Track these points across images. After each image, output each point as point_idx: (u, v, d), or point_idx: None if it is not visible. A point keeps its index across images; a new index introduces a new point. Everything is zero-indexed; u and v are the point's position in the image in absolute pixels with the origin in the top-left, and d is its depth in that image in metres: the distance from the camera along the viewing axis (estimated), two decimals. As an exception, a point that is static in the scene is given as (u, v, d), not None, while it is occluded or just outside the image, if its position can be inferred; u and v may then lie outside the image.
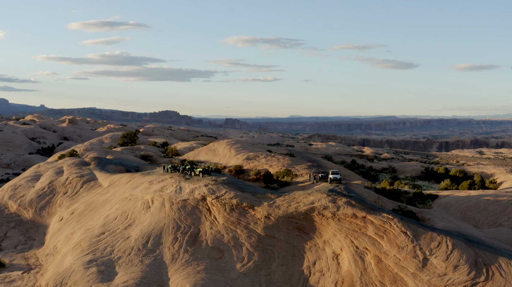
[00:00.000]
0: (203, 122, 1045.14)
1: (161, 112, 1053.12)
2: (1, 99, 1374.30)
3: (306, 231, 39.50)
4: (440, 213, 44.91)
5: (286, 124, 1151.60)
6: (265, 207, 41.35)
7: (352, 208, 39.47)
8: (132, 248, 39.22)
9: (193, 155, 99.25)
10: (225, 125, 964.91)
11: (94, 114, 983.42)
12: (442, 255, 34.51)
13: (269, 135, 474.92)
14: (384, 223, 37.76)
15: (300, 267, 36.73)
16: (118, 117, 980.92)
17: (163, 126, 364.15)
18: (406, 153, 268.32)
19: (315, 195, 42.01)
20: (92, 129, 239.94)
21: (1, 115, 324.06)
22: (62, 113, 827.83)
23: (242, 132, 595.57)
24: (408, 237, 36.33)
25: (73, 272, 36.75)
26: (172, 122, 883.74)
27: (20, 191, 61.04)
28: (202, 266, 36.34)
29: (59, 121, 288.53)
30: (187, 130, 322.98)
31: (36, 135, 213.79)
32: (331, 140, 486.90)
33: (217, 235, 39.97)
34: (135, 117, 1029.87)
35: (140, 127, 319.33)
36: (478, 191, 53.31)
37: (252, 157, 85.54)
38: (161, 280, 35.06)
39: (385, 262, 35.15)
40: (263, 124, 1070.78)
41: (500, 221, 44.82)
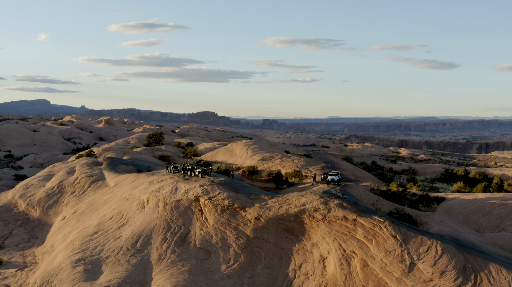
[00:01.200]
0: (241, 123, 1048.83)
1: (199, 113, 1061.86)
2: (43, 100, 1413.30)
3: (296, 233, 38.85)
4: (440, 217, 43.52)
5: (324, 125, 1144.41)
6: (256, 208, 40.90)
7: (343, 210, 38.61)
8: (121, 247, 39.38)
9: (211, 155, 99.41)
10: (263, 126, 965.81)
11: (134, 115, 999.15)
12: (430, 260, 33.38)
13: (306, 136, 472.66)
14: (374, 226, 36.80)
15: (286, 270, 36.13)
16: (157, 118, 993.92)
17: (199, 127, 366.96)
18: (443, 155, 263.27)
19: (308, 197, 41.30)
20: (129, 130, 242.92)
21: (41, 116, 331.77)
22: (101, 114, 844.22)
23: (279, 133, 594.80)
24: (397, 241, 35.29)
25: (60, 270, 37.16)
26: (210, 123, 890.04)
27: (31, 190, 62.30)
28: (186, 267, 36.15)
29: (96, 122, 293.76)
30: (222, 131, 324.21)
31: (72, 135, 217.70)
32: (369, 141, 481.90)
33: (206, 236, 39.73)
34: (173, 118, 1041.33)
35: (176, 128, 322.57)
36: (485, 194, 51.45)
37: (268, 157, 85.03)
38: (144, 280, 35.04)
39: (371, 266, 34.23)
40: (301, 125, 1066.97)
41: (503, 225, 43.14)
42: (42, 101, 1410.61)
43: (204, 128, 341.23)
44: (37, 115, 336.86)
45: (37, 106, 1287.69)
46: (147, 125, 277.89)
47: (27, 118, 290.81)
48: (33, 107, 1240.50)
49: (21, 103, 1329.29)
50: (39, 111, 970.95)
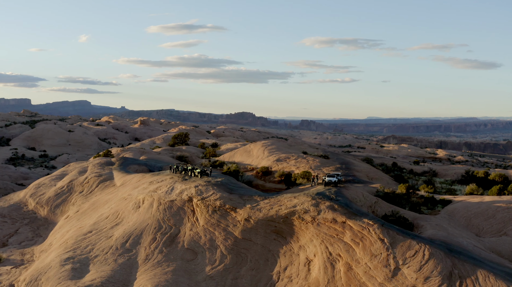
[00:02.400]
0: (278, 124, 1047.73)
1: (237, 114, 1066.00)
2: (84, 101, 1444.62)
3: (284, 235, 38.32)
4: (439, 220, 42.19)
5: (363, 126, 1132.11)
6: (247, 209, 40.54)
7: (333, 213, 37.86)
8: (110, 247, 39.68)
9: (228, 156, 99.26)
10: (301, 127, 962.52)
11: (172, 115, 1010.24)
12: (416, 265, 32.38)
13: (343, 137, 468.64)
14: (362, 229, 35.94)
15: (270, 272, 35.69)
16: (195, 119, 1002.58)
17: (234, 128, 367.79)
18: (481, 156, 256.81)
19: (300, 198, 40.68)
20: (164, 131, 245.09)
21: (80, 117, 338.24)
22: (140, 114, 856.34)
23: (316, 134, 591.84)
24: (384, 245, 34.38)
25: (49, 268, 37.72)
26: (247, 124, 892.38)
27: (42, 189, 63.54)
28: (171, 267, 36.12)
29: (132, 122, 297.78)
30: (258, 131, 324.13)
31: (108, 136, 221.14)
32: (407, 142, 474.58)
33: (195, 236, 39.63)
34: (211, 119, 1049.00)
35: (212, 129, 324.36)
36: (492, 197, 49.65)
37: (283, 158, 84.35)
38: (127, 279, 35.19)
39: (355, 270, 33.44)
40: (339, 126, 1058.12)
41: (505, 229, 41.52)
42: (83, 102, 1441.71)
43: (240, 129, 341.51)
44: (76, 116, 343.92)
45: (78, 107, 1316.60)
46: (183, 126, 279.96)
47: (65, 118, 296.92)
48: (74, 108, 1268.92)
49: (63, 104, 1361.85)
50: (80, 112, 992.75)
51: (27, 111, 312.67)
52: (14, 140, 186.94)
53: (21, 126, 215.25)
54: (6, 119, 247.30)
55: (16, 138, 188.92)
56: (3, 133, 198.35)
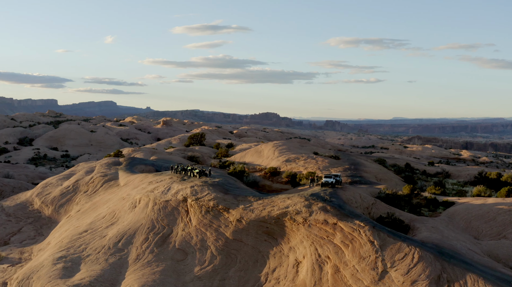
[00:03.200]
0: (303, 124, 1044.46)
1: (262, 114, 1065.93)
2: (110, 101, 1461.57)
3: (275, 236, 37.96)
4: (436, 222, 41.32)
5: (388, 127, 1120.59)
6: (240, 210, 40.29)
7: (325, 214, 37.35)
8: (103, 246, 39.84)
9: (240, 156, 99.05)
10: (325, 127, 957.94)
11: (197, 116, 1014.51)
12: (404, 268, 31.72)
13: (367, 137, 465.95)
14: (353, 231, 35.38)
15: (259, 274, 35.37)
16: (219, 119, 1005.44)
17: (257, 128, 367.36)
18: (507, 157, 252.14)
19: (293, 199, 40.27)
20: (187, 131, 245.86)
21: (104, 117, 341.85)
22: (165, 115, 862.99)
23: (340, 134, 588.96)
24: (373, 247, 33.77)
25: (42, 267, 38.06)
26: (272, 124, 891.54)
27: (48, 189, 64.22)
28: (160, 267, 36.08)
29: (155, 123, 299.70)
30: (280, 132, 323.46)
31: (130, 136, 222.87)
32: (432, 143, 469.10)
33: (186, 237, 39.54)
34: (236, 119, 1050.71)
35: (235, 129, 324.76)
36: (496, 199, 48.41)
37: (292, 159, 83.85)
38: (116, 279, 35.28)
39: (342, 272, 32.91)
40: (364, 126, 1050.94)
41: (505, 232, 40.45)
42: (108, 102, 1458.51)
43: (263, 130, 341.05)
44: (100, 116, 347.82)
45: (103, 108, 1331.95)
46: (206, 127, 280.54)
47: (90, 119, 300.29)
48: (100, 109, 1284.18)
49: (89, 105, 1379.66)
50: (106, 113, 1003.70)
51: (52, 112, 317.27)
52: (37, 141, 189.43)
53: (44, 126, 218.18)
54: (31, 120, 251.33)
55: (39, 139, 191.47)
56: (26, 134, 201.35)
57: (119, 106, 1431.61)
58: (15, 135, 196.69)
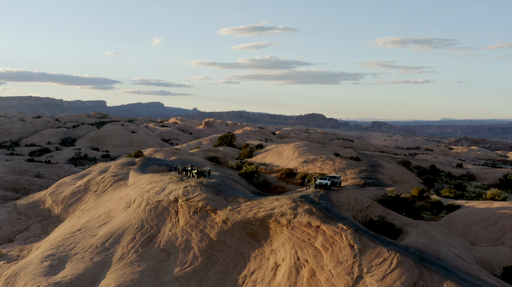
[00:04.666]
0: (349, 125, 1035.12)
1: (307, 115, 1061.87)
2: (157, 103, 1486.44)
3: (259, 238, 37.39)
4: (429, 226, 39.76)
5: (436, 128, 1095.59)
6: (227, 211, 39.91)
7: (310, 216, 36.53)
8: (91, 245, 40.22)
9: (261, 157, 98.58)
10: (372, 129, 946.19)
11: (243, 117, 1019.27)
12: (380, 274, 30.63)
13: (414, 138, 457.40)
14: (335, 234, 34.45)
15: (237, 276, 34.88)
16: (265, 120, 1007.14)
17: (300, 129, 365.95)
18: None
19: (281, 201, 39.57)
20: (229, 132, 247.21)
21: (149, 118, 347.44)
22: (211, 116, 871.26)
23: (386, 135, 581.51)
24: (352, 251, 32.75)
25: (30, 264, 38.75)
26: (317, 125, 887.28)
27: (61, 188, 65.46)
28: (141, 267, 36.12)
29: (198, 123, 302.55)
30: (323, 133, 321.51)
31: (172, 137, 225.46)
32: (480, 144, 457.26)
33: (172, 237, 39.45)
34: (281, 120, 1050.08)
35: (278, 130, 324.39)
36: (502, 203, 46.17)
37: (310, 160, 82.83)
38: (97, 278, 35.53)
39: (318, 277, 32.07)
40: (411, 127, 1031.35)
41: (504, 238, 38.60)
42: (156, 103, 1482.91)
43: (306, 131, 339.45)
44: (146, 117, 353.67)
45: (151, 109, 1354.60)
46: (248, 128, 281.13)
47: (134, 120, 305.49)
48: (148, 110, 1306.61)
49: (136, 106, 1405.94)
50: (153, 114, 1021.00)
51: (98, 113, 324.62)
52: (79, 141, 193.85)
53: (87, 127, 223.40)
54: (75, 121, 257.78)
55: (81, 139, 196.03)
56: (70, 134, 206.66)
57: (167, 107, 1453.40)
58: (58, 135, 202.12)
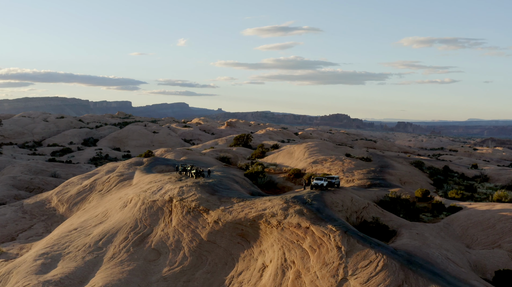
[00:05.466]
0: (374, 126, 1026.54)
1: (332, 116, 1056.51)
2: (182, 103, 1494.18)
3: (249, 239, 37.14)
4: (424, 229, 38.97)
5: (462, 128, 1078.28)
6: (219, 211, 39.77)
7: (300, 217, 36.14)
8: (85, 244, 40.45)
9: (272, 157, 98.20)
10: (397, 129, 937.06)
11: (267, 117, 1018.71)
12: (364, 277, 30.10)
13: (439, 139, 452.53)
14: (323, 236, 34.01)
15: (225, 276, 34.68)
16: (289, 121, 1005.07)
17: (323, 130, 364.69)
18: None
19: (274, 201, 39.26)
20: (251, 132, 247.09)
21: (173, 119, 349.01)
22: (236, 116, 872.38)
23: (411, 136, 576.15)
24: (339, 253, 32.27)
25: (24, 262, 39.18)
26: (342, 126, 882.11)
27: (68, 188, 66.08)
28: (131, 267, 36.18)
29: (220, 124, 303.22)
30: (346, 133, 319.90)
31: (193, 137, 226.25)
32: (506, 145, 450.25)
33: (164, 237, 39.46)
34: (306, 121, 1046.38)
35: (301, 131, 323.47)
36: (504, 205, 45.02)
37: (320, 160, 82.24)
38: (86, 277, 35.72)
39: (303, 278, 31.68)
40: (437, 128, 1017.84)
41: (501, 241, 37.64)
42: (181, 104, 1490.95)
43: (329, 131, 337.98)
44: (169, 118, 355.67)
45: (176, 109, 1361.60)
46: (270, 128, 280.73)
47: (158, 120, 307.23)
48: (173, 110, 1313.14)
49: (161, 106, 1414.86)
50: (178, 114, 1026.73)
51: (121, 113, 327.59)
52: (101, 141, 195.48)
53: (110, 127, 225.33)
54: (98, 121, 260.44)
55: (103, 139, 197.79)
56: (92, 134, 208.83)
57: (191, 108, 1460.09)
58: (80, 136, 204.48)
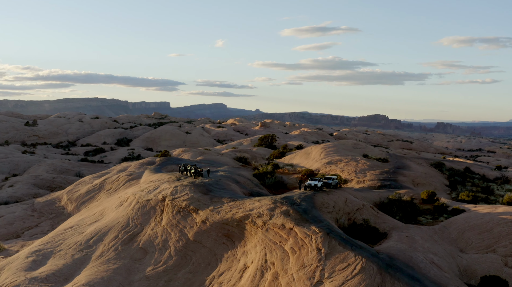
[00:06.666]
0: (413, 127, 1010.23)
1: (370, 116, 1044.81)
2: (220, 104, 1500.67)
3: (234, 239, 36.82)
4: (416, 231, 37.81)
5: (503, 129, 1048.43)
6: (207, 211, 39.59)
7: (285, 218, 35.61)
8: (76, 242, 40.89)
9: (289, 158, 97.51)
10: (436, 130, 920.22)
11: (304, 118, 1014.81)
12: (340, 280, 29.37)
13: (478, 140, 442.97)
14: (305, 237, 33.42)
15: (206, 277, 34.44)
16: (327, 121, 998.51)
17: (359, 131, 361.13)
18: None
19: (262, 202, 38.81)
20: (285, 133, 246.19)
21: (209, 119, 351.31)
22: (273, 117, 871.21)
23: (450, 137, 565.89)
24: (318, 255, 31.60)
25: (16, 259, 39.93)
26: (380, 127, 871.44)
27: (79, 186, 67.08)
28: (116, 265, 36.36)
29: (255, 124, 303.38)
30: (382, 134, 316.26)
31: (227, 138, 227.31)
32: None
33: (152, 236, 39.53)
34: (343, 121, 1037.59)
35: (336, 131, 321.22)
36: (507, 208, 43.40)
37: (335, 161, 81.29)
38: (72, 274, 36.11)
39: (280, 280, 31.16)
40: (477, 129, 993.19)
41: (496, 246, 36.21)
42: (219, 105, 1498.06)
43: (364, 132, 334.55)
44: (205, 118, 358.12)
45: (214, 110, 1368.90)
46: (305, 129, 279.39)
47: (194, 121, 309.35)
48: (211, 111, 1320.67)
49: (199, 107, 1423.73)
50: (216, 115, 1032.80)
51: (157, 114, 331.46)
52: (134, 141, 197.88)
53: (144, 128, 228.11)
54: (133, 122, 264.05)
55: (136, 139, 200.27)
56: (126, 135, 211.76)
57: (229, 109, 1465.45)
58: (114, 136, 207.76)
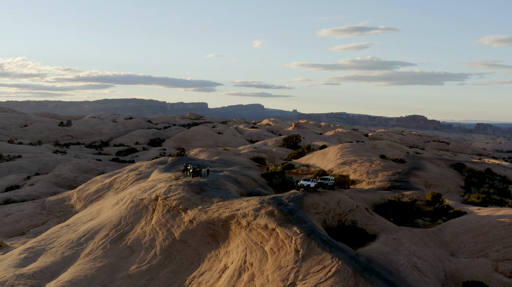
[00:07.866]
0: (452, 127, 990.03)
1: (408, 117, 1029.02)
2: (257, 104, 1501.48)
3: (218, 239, 36.59)
4: (405, 233, 36.68)
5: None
6: (196, 211, 39.46)
7: (268, 218, 35.15)
8: (68, 240, 41.37)
9: (306, 158, 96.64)
10: (475, 131, 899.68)
11: (342, 119, 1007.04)
12: (313, 282, 28.72)
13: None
14: (286, 238, 32.90)
15: (187, 276, 34.30)
16: (364, 122, 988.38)
17: (395, 131, 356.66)
18: None
19: (250, 202, 38.42)
20: (319, 134, 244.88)
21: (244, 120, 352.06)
22: (310, 117, 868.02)
23: (489, 138, 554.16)
24: (295, 257, 31.05)
25: (10, 255, 40.75)
26: (418, 127, 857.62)
27: (89, 185, 67.93)
28: (102, 263, 36.62)
29: (289, 125, 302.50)
30: (419, 135, 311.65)
31: (260, 138, 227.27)
32: None
33: (140, 235, 39.66)
34: (381, 122, 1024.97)
35: (371, 132, 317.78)
36: (508, 210, 41.81)
37: (349, 162, 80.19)
38: (59, 271, 36.56)
39: (255, 281, 30.73)
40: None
41: (489, 250, 34.86)
42: (256, 105, 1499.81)
43: (400, 133, 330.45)
44: (241, 119, 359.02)
45: (251, 111, 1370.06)
46: (340, 129, 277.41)
47: (228, 121, 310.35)
48: (248, 111, 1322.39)
49: (237, 108, 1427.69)
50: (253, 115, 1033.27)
51: (193, 114, 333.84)
52: (167, 141, 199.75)
53: (177, 128, 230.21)
54: (167, 122, 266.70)
55: (168, 140, 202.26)
56: (159, 135, 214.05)
57: (267, 109, 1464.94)
58: (146, 136, 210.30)
